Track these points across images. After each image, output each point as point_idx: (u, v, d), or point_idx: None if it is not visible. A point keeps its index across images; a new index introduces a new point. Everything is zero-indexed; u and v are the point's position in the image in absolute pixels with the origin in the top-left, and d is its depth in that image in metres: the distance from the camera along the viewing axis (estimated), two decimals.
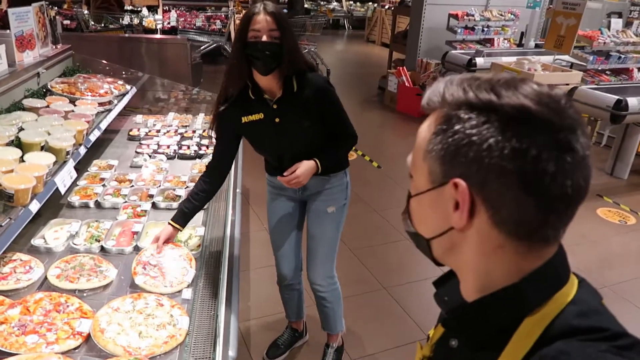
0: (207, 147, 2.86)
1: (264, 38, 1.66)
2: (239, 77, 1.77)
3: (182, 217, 1.89)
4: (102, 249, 1.89)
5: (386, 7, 11.95)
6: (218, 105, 1.85)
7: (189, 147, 2.85)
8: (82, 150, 2.14)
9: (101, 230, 1.99)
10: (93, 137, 2.29)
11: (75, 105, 2.43)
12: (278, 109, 1.82)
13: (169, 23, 7.56)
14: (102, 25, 6.29)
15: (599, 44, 5.33)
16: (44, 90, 2.59)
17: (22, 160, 1.76)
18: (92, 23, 6.28)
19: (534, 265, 0.62)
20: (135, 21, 6.77)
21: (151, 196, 2.28)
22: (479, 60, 5.94)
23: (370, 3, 12.89)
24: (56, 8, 7.24)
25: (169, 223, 1.88)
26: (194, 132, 3.09)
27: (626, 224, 4.06)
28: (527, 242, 0.60)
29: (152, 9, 8.80)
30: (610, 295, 3.00)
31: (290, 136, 1.86)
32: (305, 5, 9.31)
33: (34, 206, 1.64)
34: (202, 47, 8.11)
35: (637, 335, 0.59)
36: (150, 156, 2.73)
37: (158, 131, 3.11)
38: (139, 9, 8.22)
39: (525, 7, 6.47)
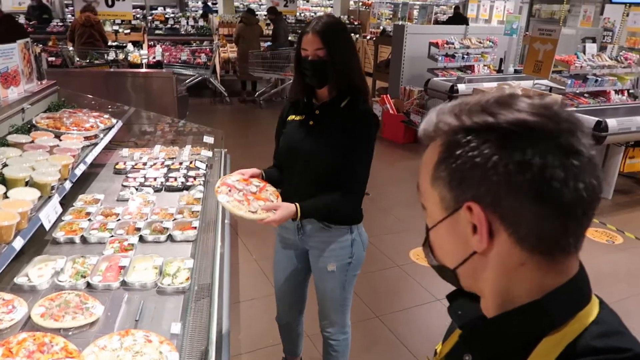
0: (195, 178, 2.85)
1: (310, 57, 1.76)
2: (297, 86, 1.89)
3: (268, 171, 1.96)
4: (88, 285, 1.84)
5: (368, 37, 12.23)
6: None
7: (176, 179, 2.83)
8: (68, 185, 2.11)
9: (87, 265, 1.94)
10: (79, 172, 2.26)
11: (60, 140, 2.41)
12: (318, 114, 1.86)
13: (154, 57, 7.65)
14: (88, 60, 6.33)
15: (576, 67, 5.49)
16: (29, 125, 2.57)
17: (5, 196, 1.72)
18: (77, 59, 6.32)
19: (556, 282, 0.61)
20: (121, 56, 6.83)
21: (138, 229, 2.25)
22: (461, 87, 6.07)
23: (352, 34, 13.16)
24: (41, 45, 7.28)
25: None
26: (180, 163, 3.07)
27: (614, 244, 4.10)
28: (548, 256, 0.60)
29: (137, 44, 8.90)
30: None
31: (313, 143, 1.84)
32: (290, 38, 9.47)
33: (18, 243, 1.60)
34: (187, 80, 8.17)
35: None
36: (136, 189, 2.70)
37: (144, 164, 3.08)
38: (124, 44, 8.30)
39: (502, 34, 6.67)
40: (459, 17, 10.19)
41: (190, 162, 3.08)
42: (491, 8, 10.92)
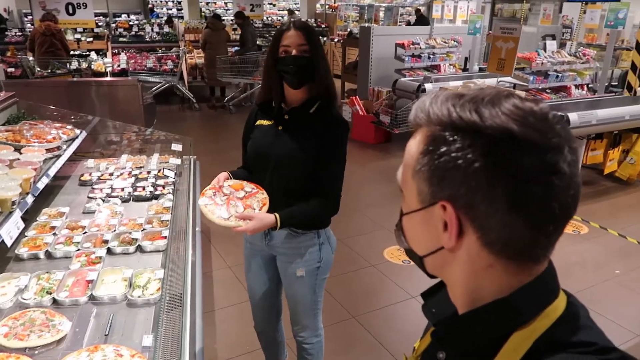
0: (163, 187, 2.80)
1: (294, 52, 1.71)
2: (269, 90, 1.85)
3: (236, 172, 1.97)
4: (55, 301, 1.79)
5: (335, 40, 12.29)
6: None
7: (144, 189, 2.77)
8: (30, 199, 2.05)
9: (53, 281, 1.88)
10: (41, 185, 2.19)
11: (20, 153, 2.34)
12: (288, 119, 1.83)
13: (119, 66, 7.50)
14: (49, 70, 6.15)
15: (537, 64, 5.64)
16: None
17: None
18: (38, 69, 6.14)
19: (524, 282, 0.62)
20: (84, 65, 6.67)
21: (106, 242, 2.19)
22: (428, 86, 6.16)
23: (320, 37, 13.22)
24: None
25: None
26: (148, 172, 3.02)
27: (580, 234, 4.22)
28: (516, 262, 0.61)
29: (101, 52, 8.72)
30: None
31: (283, 149, 1.81)
32: (258, 42, 9.44)
33: None
34: (154, 88, 8.04)
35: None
36: (103, 200, 2.64)
37: (111, 174, 3.02)
38: (86, 53, 8.12)
39: (466, 34, 6.80)
40: (422, 20, 10.39)
41: (159, 171, 3.03)
42: (455, 8, 11.11)
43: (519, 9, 12.07)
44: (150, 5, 16.84)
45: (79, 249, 2.14)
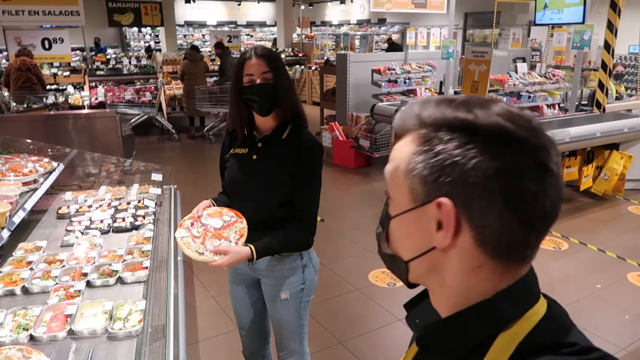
0: (144, 217, 2.76)
1: (258, 80, 1.73)
2: (237, 120, 1.84)
3: (217, 198, 1.98)
4: (32, 337, 1.73)
5: (312, 67, 12.48)
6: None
7: (124, 219, 2.73)
8: (5, 234, 2.00)
9: (29, 317, 1.83)
10: (17, 219, 2.15)
11: None
12: (261, 147, 1.83)
13: (96, 99, 7.47)
14: (25, 105, 6.08)
15: (509, 85, 5.81)
16: None
17: None
18: (14, 104, 6.06)
19: (509, 283, 0.63)
20: (61, 99, 6.62)
21: (85, 274, 2.14)
22: None
23: (297, 65, 13.41)
24: None
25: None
26: (128, 203, 2.98)
27: (560, 250, 4.28)
28: (505, 261, 0.62)
29: (78, 86, 8.68)
30: None
31: (260, 178, 1.81)
32: None
33: None
34: (132, 120, 8.02)
35: None
36: (82, 233, 2.58)
37: (90, 206, 2.97)
38: (63, 87, 8.08)
39: (440, 58, 6.98)
40: (394, 47, 10.68)
41: (139, 201, 2.99)
42: (428, 35, 11.45)
43: (489, 34, 12.47)
44: (127, 40, 16.93)
45: (57, 283, 2.08)
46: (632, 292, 3.58)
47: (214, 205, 1.91)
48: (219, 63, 9.23)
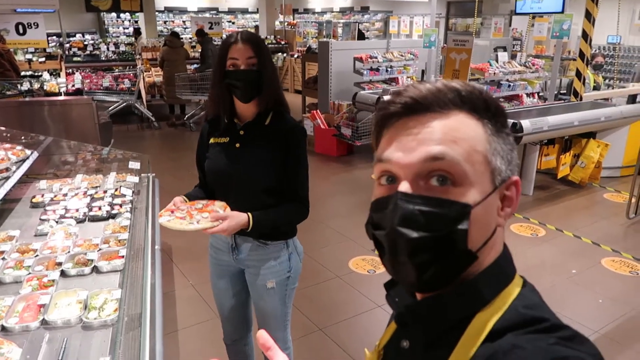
0: (121, 205, 2.72)
1: (242, 66, 1.69)
2: (218, 104, 1.80)
3: (190, 193, 1.92)
4: (3, 328, 1.70)
5: (295, 55, 12.38)
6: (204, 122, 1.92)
7: (100, 208, 2.68)
8: None
9: (1, 307, 1.79)
10: None
11: None
12: (244, 135, 1.80)
13: (73, 85, 7.29)
14: None
15: (490, 74, 5.84)
16: None
17: None
18: None
19: (490, 259, 0.67)
20: (36, 86, 6.45)
21: (59, 264, 2.10)
22: (387, 98, 6.26)
23: (280, 53, 13.29)
24: None
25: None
26: (105, 192, 2.93)
27: (537, 236, 4.35)
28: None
29: (55, 72, 8.47)
30: None
31: (245, 166, 1.78)
32: None
33: None
34: (111, 107, 7.88)
35: None
36: (57, 222, 2.54)
37: (65, 195, 2.91)
38: (39, 73, 7.87)
39: (422, 47, 6.98)
40: (361, 35, 10.77)
41: (116, 190, 2.94)
42: (411, 23, 11.42)
43: (472, 23, 12.51)
44: (105, 26, 16.55)
45: (30, 273, 2.04)
46: (606, 277, 3.67)
47: (187, 201, 1.88)
48: (199, 50, 9.10)
